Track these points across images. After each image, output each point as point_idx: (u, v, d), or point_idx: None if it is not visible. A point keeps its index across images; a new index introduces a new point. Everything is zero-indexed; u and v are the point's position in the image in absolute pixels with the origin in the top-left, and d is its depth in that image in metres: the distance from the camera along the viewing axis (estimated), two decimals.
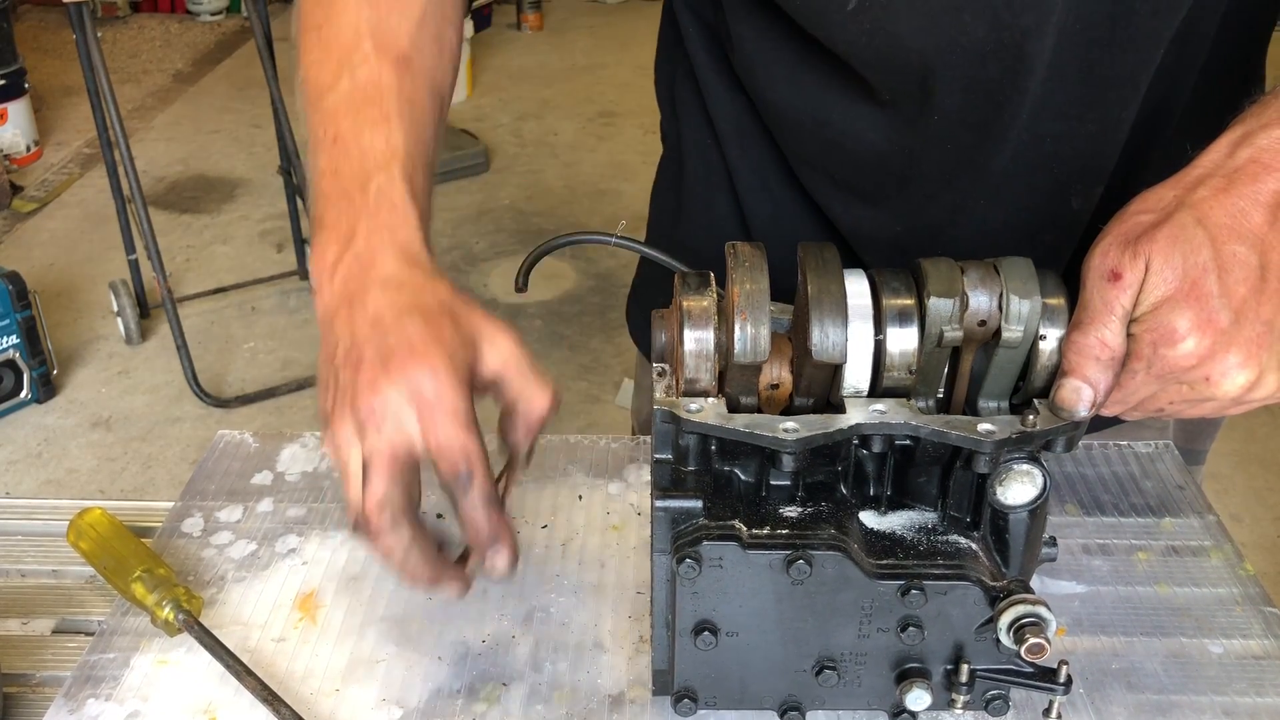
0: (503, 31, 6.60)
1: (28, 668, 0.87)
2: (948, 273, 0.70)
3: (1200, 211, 0.68)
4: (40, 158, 4.88)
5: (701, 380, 0.72)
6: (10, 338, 3.10)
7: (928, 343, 0.71)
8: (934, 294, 0.70)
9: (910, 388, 0.71)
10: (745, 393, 0.73)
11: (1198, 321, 0.67)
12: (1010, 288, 0.70)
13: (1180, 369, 0.69)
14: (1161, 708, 0.80)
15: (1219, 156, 0.70)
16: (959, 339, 0.70)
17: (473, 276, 4.00)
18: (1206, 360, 0.68)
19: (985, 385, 0.73)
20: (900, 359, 0.71)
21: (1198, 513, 0.99)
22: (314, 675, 0.83)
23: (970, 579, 0.69)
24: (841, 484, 0.74)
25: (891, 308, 0.70)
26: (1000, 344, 0.70)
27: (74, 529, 0.92)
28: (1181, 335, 0.68)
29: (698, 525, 0.70)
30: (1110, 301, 0.69)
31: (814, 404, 0.74)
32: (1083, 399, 0.70)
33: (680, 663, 0.74)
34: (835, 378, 0.72)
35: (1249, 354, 0.68)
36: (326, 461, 1.05)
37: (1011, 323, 0.70)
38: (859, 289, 0.71)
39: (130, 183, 3.06)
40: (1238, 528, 2.80)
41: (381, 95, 0.83)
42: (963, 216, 0.93)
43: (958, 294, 0.70)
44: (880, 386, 0.71)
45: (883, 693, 0.75)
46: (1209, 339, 0.68)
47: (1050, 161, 0.89)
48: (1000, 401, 0.74)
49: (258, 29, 3.26)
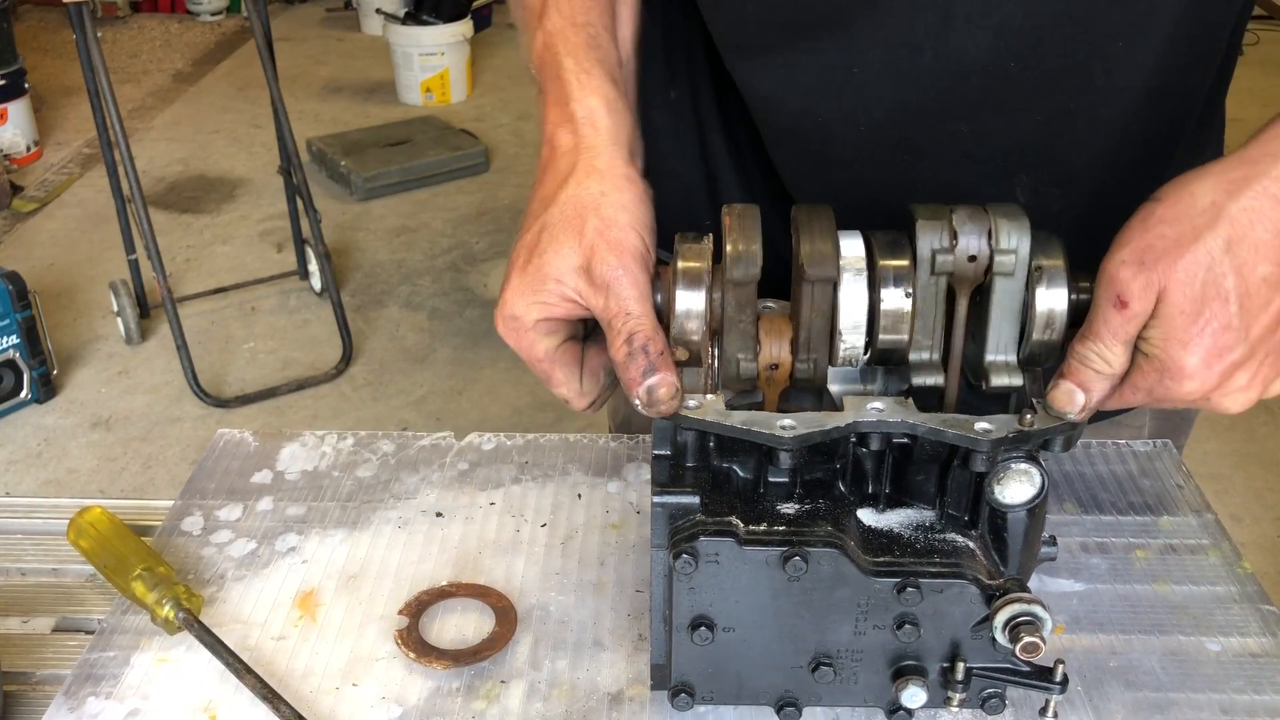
0: (503, 31, 6.60)
1: (28, 666, 0.87)
2: (935, 207, 0.72)
3: (1238, 230, 0.65)
4: (40, 158, 4.88)
5: (693, 337, 0.73)
6: (10, 338, 3.10)
7: (920, 273, 0.71)
8: (921, 218, 0.71)
9: (907, 346, 0.72)
10: (744, 350, 0.73)
11: (1208, 357, 0.66)
12: (999, 221, 0.71)
13: (1184, 399, 0.69)
14: (1160, 705, 0.81)
15: (1276, 147, 0.67)
16: (950, 264, 0.71)
17: (472, 276, 4.00)
18: (1212, 391, 0.68)
19: (989, 335, 0.73)
20: (895, 316, 0.71)
21: (1196, 511, 1.00)
22: (314, 673, 0.83)
23: (966, 577, 0.69)
24: (840, 482, 0.74)
25: (886, 268, 0.71)
26: (995, 271, 0.70)
27: (74, 527, 0.93)
28: (1190, 374, 0.67)
29: (695, 521, 0.70)
30: (1115, 328, 0.68)
31: (815, 365, 0.74)
32: (1076, 403, 0.70)
33: (677, 657, 0.74)
34: (833, 331, 0.72)
35: (1254, 376, 0.68)
36: (326, 460, 1.06)
37: (1002, 246, 0.70)
38: (853, 246, 0.72)
39: (130, 183, 3.06)
40: (1237, 528, 2.81)
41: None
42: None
43: (945, 218, 0.71)
44: (878, 345, 0.72)
45: (879, 690, 0.75)
46: (1217, 371, 0.67)
47: (993, 153, 0.88)
48: (1008, 356, 0.73)
49: (258, 29, 3.26)
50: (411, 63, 5.52)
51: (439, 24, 5.46)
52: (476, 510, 0.99)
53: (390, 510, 0.99)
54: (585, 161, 0.77)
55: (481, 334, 3.67)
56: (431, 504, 1.00)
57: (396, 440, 1.08)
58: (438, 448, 1.07)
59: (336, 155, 4.66)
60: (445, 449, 1.07)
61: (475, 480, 1.03)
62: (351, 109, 5.56)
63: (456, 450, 1.07)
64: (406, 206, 4.50)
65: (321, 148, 4.76)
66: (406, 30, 5.48)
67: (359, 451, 1.07)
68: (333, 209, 4.37)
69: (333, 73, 6.07)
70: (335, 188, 4.64)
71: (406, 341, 3.65)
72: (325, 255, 3.47)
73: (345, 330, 3.48)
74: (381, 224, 4.37)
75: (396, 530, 0.97)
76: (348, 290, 3.87)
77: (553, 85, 0.81)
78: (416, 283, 3.97)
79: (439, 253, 4.16)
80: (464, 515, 0.99)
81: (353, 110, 5.53)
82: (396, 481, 1.03)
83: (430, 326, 3.72)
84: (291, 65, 5.93)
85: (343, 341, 3.48)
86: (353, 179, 4.54)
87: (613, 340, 0.73)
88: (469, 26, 5.59)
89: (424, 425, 3.21)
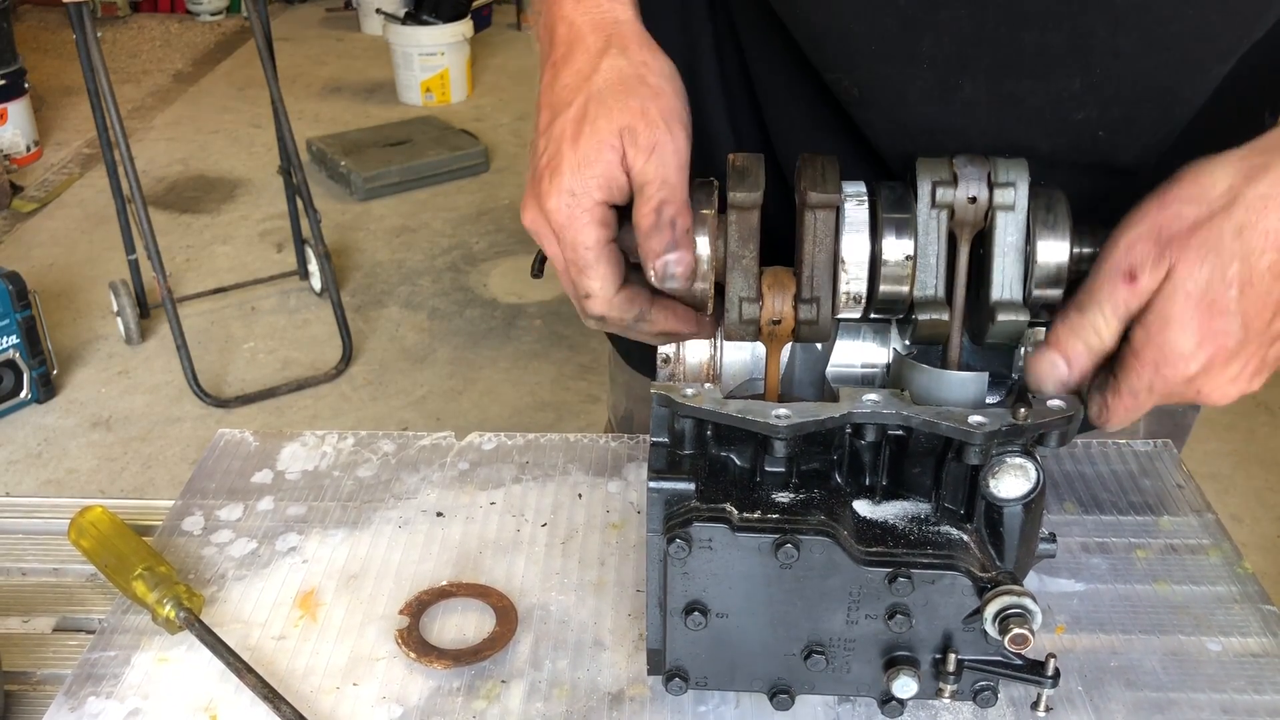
0: (503, 31, 6.61)
1: (29, 665, 0.87)
2: (936, 154, 0.74)
3: (1250, 216, 0.65)
4: (40, 158, 4.88)
5: (698, 288, 0.74)
6: (10, 338, 3.10)
7: (921, 208, 0.72)
8: (922, 161, 0.73)
9: (910, 294, 0.73)
10: (746, 291, 0.74)
11: (1203, 339, 0.66)
12: (998, 162, 0.72)
13: (1178, 385, 0.68)
14: (1160, 705, 0.81)
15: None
16: (951, 198, 0.72)
17: (472, 276, 4.00)
18: (1201, 376, 0.68)
19: (994, 274, 0.73)
20: (897, 265, 0.72)
21: (1196, 511, 1.00)
22: (314, 673, 0.83)
23: (958, 569, 0.70)
24: (836, 473, 0.74)
25: (888, 204, 0.72)
26: (995, 205, 0.71)
27: (75, 527, 0.93)
28: (1186, 356, 0.66)
29: (690, 507, 0.71)
30: (1118, 301, 0.67)
31: (819, 310, 0.74)
32: (1056, 374, 0.69)
33: (672, 642, 0.75)
34: (836, 272, 0.73)
35: (1245, 367, 0.68)
36: (327, 460, 1.06)
37: (1001, 180, 0.71)
38: (856, 186, 0.73)
39: (130, 183, 3.06)
40: (1237, 528, 2.80)
41: None
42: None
43: (946, 162, 0.72)
44: (878, 296, 0.73)
45: (871, 680, 0.75)
46: (1207, 354, 0.66)
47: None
48: (1014, 295, 0.73)
49: (258, 29, 3.26)
50: (411, 63, 5.52)
51: (439, 24, 5.46)
52: (477, 510, 0.99)
53: (391, 510, 0.99)
54: (620, 35, 0.76)
55: (481, 334, 3.67)
56: (432, 504, 1.00)
57: (397, 440, 1.08)
58: (438, 447, 1.07)
59: (336, 155, 4.66)
60: (446, 449, 1.07)
61: (476, 480, 1.03)
62: (351, 109, 5.56)
63: (457, 450, 1.07)
64: (406, 206, 4.50)
65: (321, 148, 4.76)
66: (406, 30, 5.48)
67: (359, 451, 1.07)
68: (333, 209, 4.37)
69: (333, 73, 6.07)
70: (335, 188, 4.64)
71: (406, 341, 3.65)
72: (325, 255, 3.47)
73: (345, 330, 3.48)
74: (381, 224, 4.37)
75: (397, 530, 0.97)
76: (348, 290, 3.87)
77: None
78: (416, 283, 3.97)
79: (439, 253, 4.16)
80: (464, 515, 0.99)
81: (353, 110, 5.53)
82: (397, 481, 1.03)
83: (430, 326, 3.72)
84: (291, 65, 5.93)
85: (343, 341, 3.48)
86: (353, 179, 4.54)
87: (641, 205, 0.72)
88: (469, 26, 5.59)
89: (424, 425, 3.21)
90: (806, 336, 0.75)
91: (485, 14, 6.45)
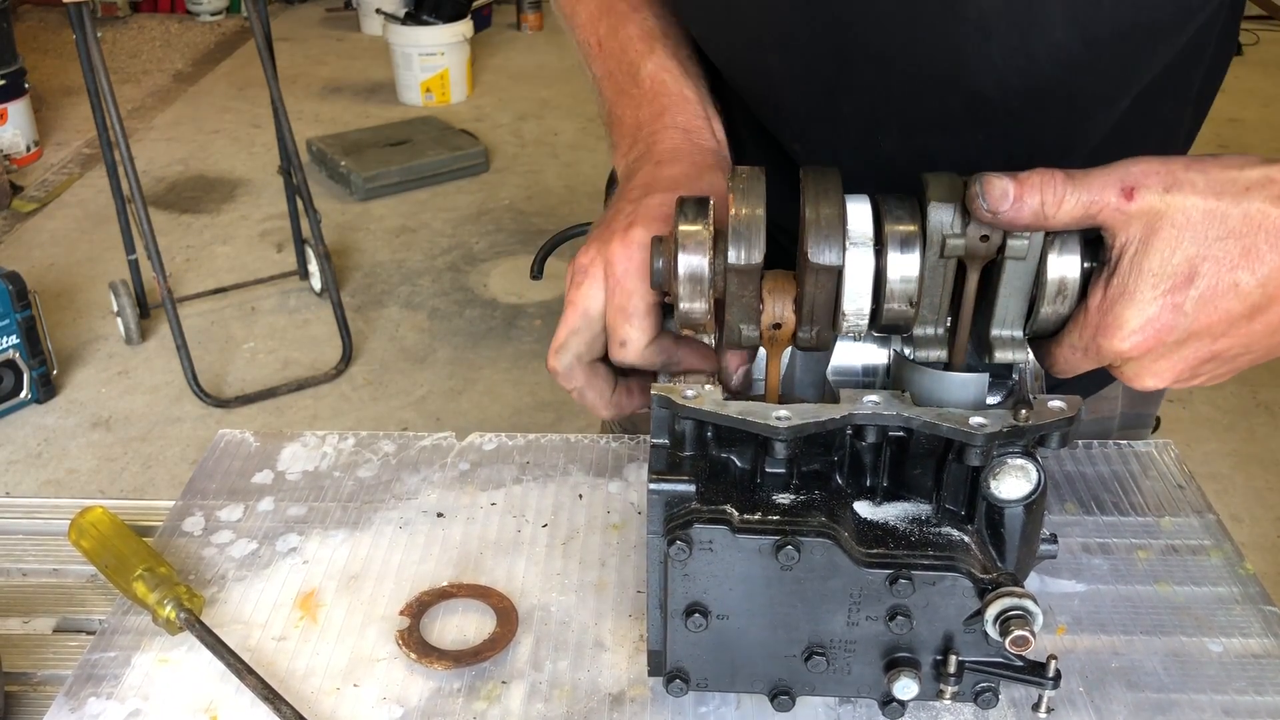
0: (503, 31, 6.61)
1: (29, 666, 0.87)
2: (949, 181, 0.70)
3: (1249, 224, 0.65)
4: (40, 158, 4.88)
5: (695, 308, 0.74)
6: (10, 338, 3.11)
7: (930, 254, 0.71)
8: (934, 199, 0.70)
9: (913, 319, 0.72)
10: (745, 320, 0.73)
11: (1146, 321, 0.67)
12: None
13: (1108, 355, 0.69)
14: (1161, 706, 0.81)
15: None
16: (961, 248, 0.70)
17: (472, 276, 4.00)
18: (1132, 360, 0.69)
19: (996, 310, 0.73)
20: (901, 285, 0.71)
21: (1197, 512, 1.00)
22: (315, 674, 0.83)
23: (959, 570, 0.70)
24: (837, 474, 0.74)
25: (894, 232, 0.71)
26: (1006, 254, 0.70)
27: (75, 528, 0.93)
28: (1126, 333, 0.68)
29: (690, 508, 0.71)
30: (1102, 202, 0.66)
31: (818, 334, 0.73)
32: (998, 198, 0.66)
33: (672, 644, 0.75)
34: (837, 306, 0.72)
35: (1170, 368, 0.69)
36: (327, 460, 1.06)
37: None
38: (860, 211, 0.72)
39: (130, 183, 3.06)
40: (1238, 528, 2.81)
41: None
42: None
43: (958, 199, 0.70)
44: (882, 316, 0.72)
45: (872, 681, 0.75)
46: (1145, 341, 0.68)
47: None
48: (1014, 331, 0.73)
49: (258, 29, 3.26)
50: (411, 63, 5.52)
51: (439, 24, 5.47)
52: (477, 511, 0.99)
53: (391, 511, 0.99)
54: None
55: (481, 334, 3.67)
56: (432, 504, 1.00)
57: (397, 441, 1.08)
58: (439, 448, 1.07)
59: (336, 155, 4.67)
60: (446, 449, 1.07)
61: (476, 480, 1.03)
62: (351, 109, 5.56)
63: (457, 450, 1.07)
64: (406, 206, 4.51)
65: (321, 148, 4.76)
66: (406, 30, 5.49)
67: (360, 452, 1.07)
68: (333, 209, 4.38)
69: (333, 73, 6.07)
70: (335, 188, 4.65)
71: (406, 341, 3.65)
72: (325, 255, 3.47)
73: (345, 330, 3.48)
74: (381, 224, 4.38)
75: (397, 531, 0.97)
76: (348, 290, 3.87)
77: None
78: (416, 283, 3.97)
79: (439, 253, 4.16)
80: (465, 516, 0.99)
81: (353, 110, 5.53)
82: (397, 482, 1.03)
83: (430, 326, 3.73)
84: (291, 65, 5.93)
85: (343, 341, 3.48)
86: (353, 179, 4.54)
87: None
88: (469, 26, 5.60)
89: (424, 425, 3.22)
90: (806, 349, 0.76)
91: (485, 14, 6.45)
